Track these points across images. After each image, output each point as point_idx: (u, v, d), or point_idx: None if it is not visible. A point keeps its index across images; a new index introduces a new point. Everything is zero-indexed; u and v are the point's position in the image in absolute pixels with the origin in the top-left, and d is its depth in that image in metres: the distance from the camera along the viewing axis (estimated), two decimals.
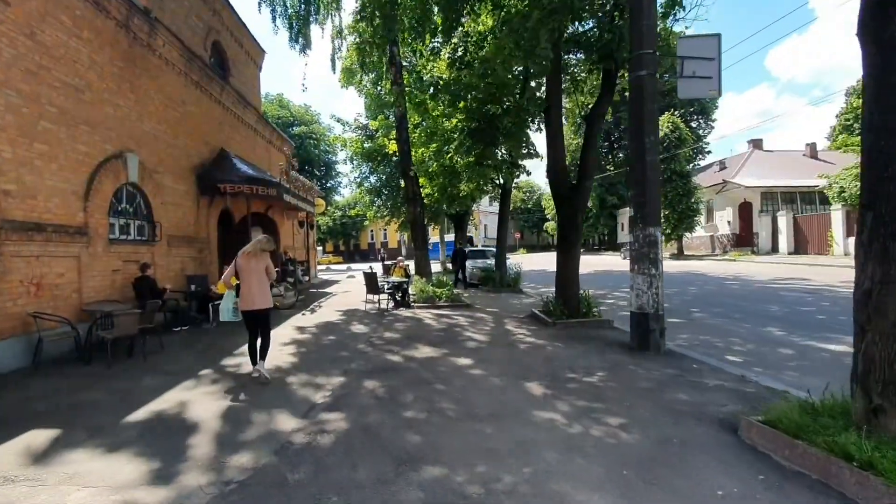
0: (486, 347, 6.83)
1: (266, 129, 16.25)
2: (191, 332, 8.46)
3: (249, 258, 5.26)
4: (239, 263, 5.27)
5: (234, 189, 11.22)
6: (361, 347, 7.00)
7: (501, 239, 15.58)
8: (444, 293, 11.45)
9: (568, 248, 8.71)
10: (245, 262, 5.26)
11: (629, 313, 6.66)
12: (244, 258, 5.27)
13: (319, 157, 37.01)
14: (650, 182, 6.46)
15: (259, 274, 5.27)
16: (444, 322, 9.07)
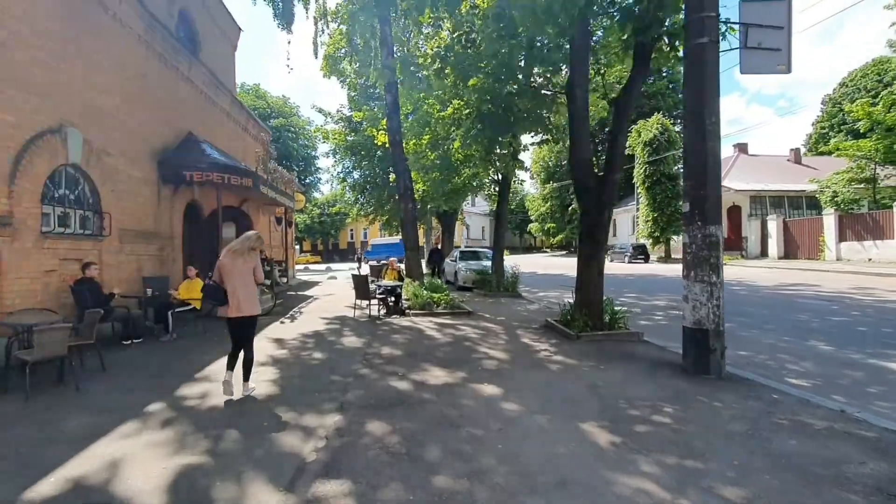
0: (511, 369, 5.64)
1: (241, 114, 14.72)
2: (144, 348, 6.99)
3: (236, 257, 4.57)
4: (223, 263, 4.58)
5: (203, 177, 9.74)
6: (357, 368, 5.71)
7: (498, 239, 14.44)
8: (442, 299, 10.22)
9: (592, 250, 7.61)
10: (231, 261, 4.57)
11: (682, 329, 5.58)
12: (230, 257, 4.58)
13: (298, 152, 35.20)
14: (712, 172, 5.39)
15: (245, 276, 4.60)
16: (449, 334, 7.84)
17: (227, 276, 4.55)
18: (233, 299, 4.53)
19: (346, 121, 23.62)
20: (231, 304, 4.54)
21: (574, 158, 7.61)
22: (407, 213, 13.46)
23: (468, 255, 17.44)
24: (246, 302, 4.56)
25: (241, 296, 4.54)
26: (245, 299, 4.55)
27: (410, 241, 13.63)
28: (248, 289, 4.61)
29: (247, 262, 4.60)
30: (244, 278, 4.57)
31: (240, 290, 4.53)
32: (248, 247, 4.62)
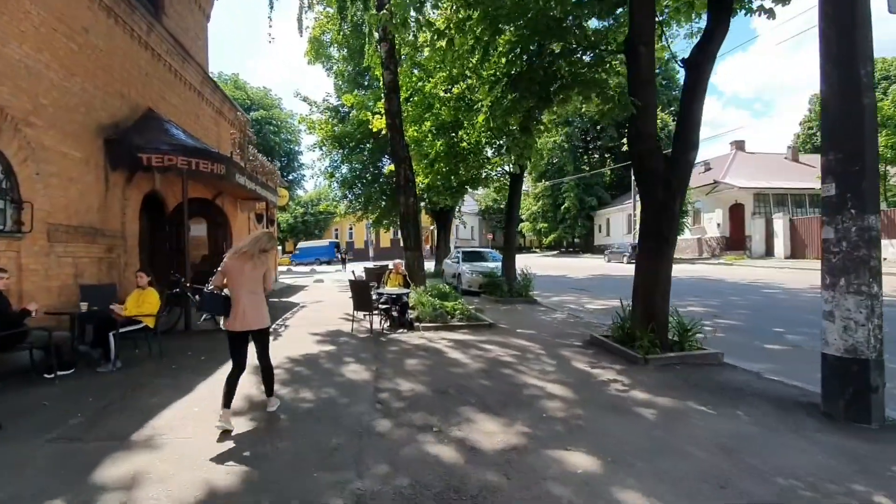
0: (588, 416, 4.02)
1: (215, 95, 12.82)
2: (73, 383, 5.16)
3: (245, 260, 3.93)
4: (229, 266, 3.94)
5: (164, 161, 7.90)
6: (371, 419, 4.01)
7: (510, 238, 12.85)
8: (456, 308, 8.57)
9: (659, 249, 6.06)
10: (238, 264, 3.93)
11: (822, 357, 4.04)
12: (237, 260, 3.94)
13: (280, 146, 33.03)
14: (870, 140, 3.87)
15: (254, 283, 3.99)
16: (477, 356, 6.19)
17: (232, 283, 3.92)
18: (237, 309, 3.91)
19: (334, 111, 21.81)
20: (235, 315, 3.91)
21: (635, 133, 6.05)
22: (408, 209, 11.77)
23: (472, 255, 15.81)
24: (254, 313, 3.94)
25: (249, 306, 3.92)
26: (253, 310, 3.94)
27: (412, 239, 11.95)
28: (257, 297, 3.99)
29: (257, 267, 3.96)
30: (253, 285, 3.95)
31: (246, 299, 3.91)
32: (259, 248, 3.94)
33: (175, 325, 7.98)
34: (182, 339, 7.45)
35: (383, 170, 22.36)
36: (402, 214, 11.95)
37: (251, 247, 3.91)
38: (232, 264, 3.91)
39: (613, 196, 46.58)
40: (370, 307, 7.71)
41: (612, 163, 49.42)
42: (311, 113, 20.75)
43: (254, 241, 3.96)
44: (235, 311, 3.90)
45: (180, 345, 7.03)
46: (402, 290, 8.35)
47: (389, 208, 21.82)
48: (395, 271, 8.83)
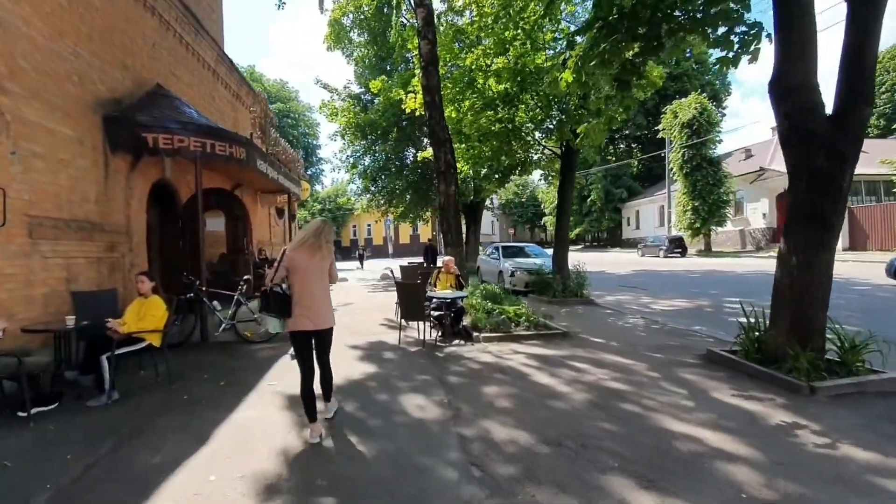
0: (818, 497, 2.58)
1: (231, 76, 11.59)
2: (52, 427, 3.89)
3: (311, 252, 3.52)
4: (295, 260, 3.49)
5: (173, 143, 6.65)
6: (469, 496, 2.64)
7: (562, 229, 11.35)
8: (520, 314, 7.16)
9: (817, 238, 4.55)
10: (304, 257, 3.50)
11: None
12: (303, 252, 3.51)
13: (298, 140, 31.94)
14: None
15: (321, 276, 3.60)
16: (571, 379, 4.78)
17: (300, 277, 3.52)
18: (308, 307, 3.49)
19: (355, 98, 20.50)
20: (305, 313, 3.48)
21: (785, 84, 4.54)
22: (448, 198, 10.37)
23: (513, 251, 14.34)
24: (326, 309, 3.60)
25: (320, 302, 3.55)
26: (325, 306, 3.60)
27: (453, 233, 10.57)
28: (326, 293, 3.66)
29: (323, 260, 3.59)
30: (322, 279, 3.61)
31: (317, 295, 3.54)
32: (324, 239, 3.59)
33: (189, 336, 6.74)
34: (197, 355, 6.19)
35: (408, 161, 21.04)
36: (441, 205, 10.55)
37: (316, 238, 3.55)
38: (298, 257, 3.51)
39: (643, 187, 44.53)
40: (422, 315, 6.34)
41: (640, 153, 47.38)
42: (331, 100, 19.46)
43: (316, 232, 3.59)
44: (306, 309, 3.49)
45: (195, 362, 5.77)
46: (456, 293, 6.96)
47: (416, 201, 20.49)
48: (445, 271, 7.45)
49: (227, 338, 7.00)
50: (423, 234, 52.31)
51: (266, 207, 13.98)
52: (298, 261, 3.51)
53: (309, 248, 3.53)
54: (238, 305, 7.03)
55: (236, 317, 7.00)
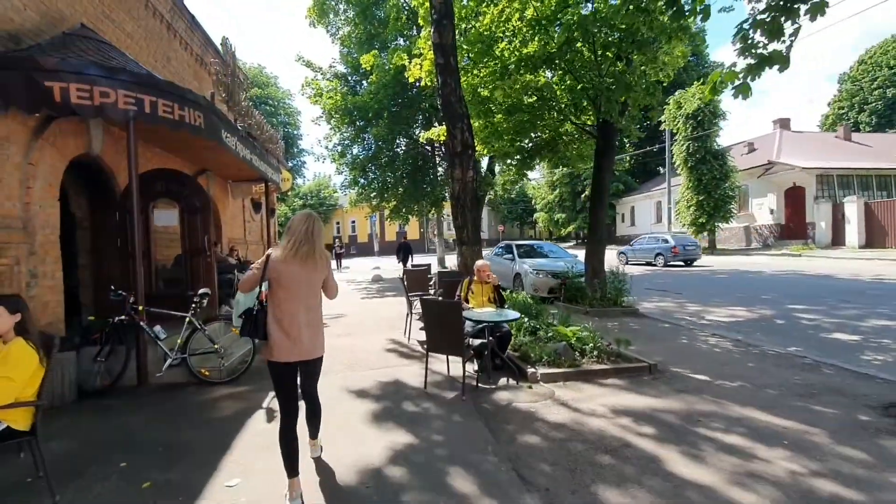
0: None
1: (194, 35, 9.37)
2: None
3: (301, 262, 2.70)
4: (279, 271, 2.69)
5: (94, 98, 4.54)
6: None
7: (597, 223, 9.49)
8: (583, 337, 5.26)
9: None
10: (294, 270, 2.70)
11: None
12: (292, 261, 2.69)
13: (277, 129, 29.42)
14: None
15: (315, 294, 2.80)
16: (731, 467, 2.89)
17: (284, 293, 2.68)
18: (292, 331, 2.66)
19: (342, 79, 18.35)
20: (280, 338, 2.65)
21: None
22: (465, 185, 8.47)
23: (528, 250, 12.45)
24: (315, 336, 2.76)
25: (308, 326, 2.70)
26: (313, 332, 2.74)
27: (468, 229, 8.68)
28: (317, 315, 2.80)
29: (318, 270, 2.76)
30: (313, 297, 2.77)
31: (304, 317, 2.70)
32: (318, 243, 2.74)
33: (119, 377, 4.68)
34: (122, 414, 4.13)
35: (400, 149, 19.00)
36: (454, 193, 8.60)
37: (310, 243, 2.68)
38: (286, 269, 2.66)
39: (637, 183, 43.30)
40: (460, 348, 4.36)
41: (632, 148, 46.17)
42: (315, 79, 17.27)
43: (308, 233, 2.69)
44: (288, 334, 2.65)
45: (112, 432, 3.72)
46: (504, 313, 5.00)
47: (412, 193, 18.43)
48: (479, 279, 5.46)
49: (175, 377, 4.92)
50: (411, 232, 50.30)
51: (240, 199, 11.81)
52: (287, 273, 2.69)
53: (299, 257, 2.68)
54: (191, 331, 4.97)
55: (188, 347, 4.94)
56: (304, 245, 2.67)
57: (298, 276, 2.69)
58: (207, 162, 8.79)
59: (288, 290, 2.68)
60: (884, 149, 29.52)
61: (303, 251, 2.65)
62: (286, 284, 2.68)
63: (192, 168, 8.71)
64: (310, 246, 2.69)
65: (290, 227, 2.73)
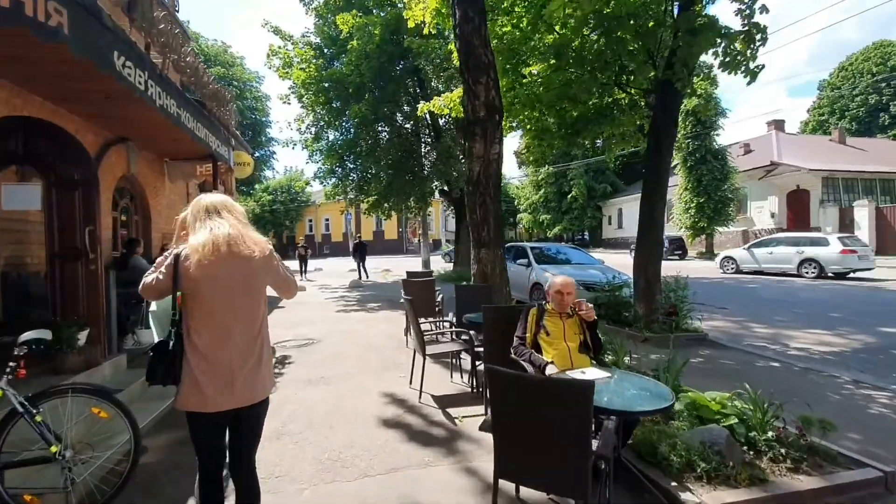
0: None
1: None
2: None
3: (229, 262, 1.87)
4: (193, 279, 1.84)
5: None
6: None
7: (652, 222, 7.29)
8: (753, 420, 2.98)
9: None
10: (217, 273, 1.86)
11: None
12: (212, 265, 1.84)
13: (243, 115, 26.35)
14: None
15: (252, 303, 1.95)
16: None
17: (204, 311, 1.87)
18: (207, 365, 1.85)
19: (317, 51, 15.71)
20: (203, 378, 1.84)
21: None
22: (488, 165, 6.22)
23: (548, 254, 10.22)
24: (253, 369, 1.91)
25: (242, 355, 1.89)
26: (253, 367, 1.91)
27: (489, 227, 6.42)
28: (255, 342, 1.94)
29: (256, 268, 1.92)
30: (249, 316, 1.93)
31: (237, 346, 1.89)
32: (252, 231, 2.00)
33: None
34: None
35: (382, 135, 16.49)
36: (472, 177, 6.27)
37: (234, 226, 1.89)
38: (202, 274, 1.82)
39: (625, 184, 41.93)
40: (583, 484, 2.00)
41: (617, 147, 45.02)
42: (283, 48, 14.58)
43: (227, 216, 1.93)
44: (215, 370, 1.84)
45: None
46: (619, 378, 2.67)
47: (396, 186, 15.91)
48: (555, 308, 3.07)
49: None
50: (388, 230, 47.61)
51: (181, 183, 9.15)
52: (208, 281, 1.82)
53: (229, 255, 1.82)
54: (10, 422, 2.46)
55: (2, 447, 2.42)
56: (228, 233, 1.85)
57: (227, 283, 1.85)
58: (124, 125, 6.16)
59: (212, 304, 1.85)
60: (878, 153, 28.87)
61: (230, 243, 1.83)
62: (208, 298, 1.84)
63: (100, 134, 6.10)
64: (237, 232, 1.87)
65: (197, 212, 1.92)
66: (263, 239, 1.99)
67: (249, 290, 1.91)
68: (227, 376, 1.86)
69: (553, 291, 3.15)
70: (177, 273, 1.82)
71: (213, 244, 1.82)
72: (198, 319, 1.86)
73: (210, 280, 1.84)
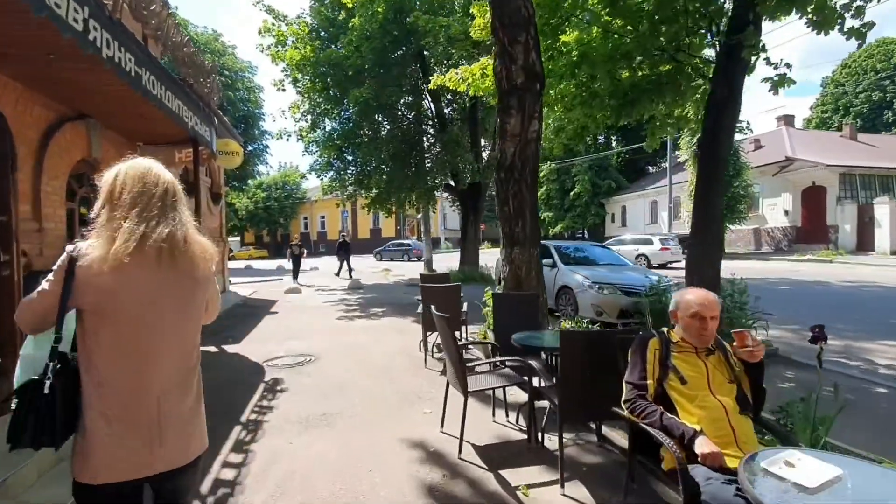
0: None
1: None
2: None
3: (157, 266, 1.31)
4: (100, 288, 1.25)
5: None
6: None
7: (710, 216, 6.21)
8: None
9: None
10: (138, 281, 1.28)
11: None
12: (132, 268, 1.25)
13: (235, 107, 25.02)
14: None
15: (186, 328, 1.40)
16: None
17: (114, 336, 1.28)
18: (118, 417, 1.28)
19: (314, 32, 14.51)
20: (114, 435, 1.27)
21: None
22: (525, 146, 5.15)
23: (576, 254, 9.13)
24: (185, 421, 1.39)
25: (171, 399, 1.35)
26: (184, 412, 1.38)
27: (525, 221, 5.35)
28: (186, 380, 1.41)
29: (197, 280, 1.41)
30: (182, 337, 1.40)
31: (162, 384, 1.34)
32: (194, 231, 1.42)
33: None
34: None
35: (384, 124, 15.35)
36: (505, 161, 5.17)
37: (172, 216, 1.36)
38: (116, 281, 1.26)
39: (628, 181, 41.00)
40: None
41: (619, 145, 43.97)
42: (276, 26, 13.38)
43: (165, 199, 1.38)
44: (135, 423, 1.30)
45: None
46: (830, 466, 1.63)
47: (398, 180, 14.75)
48: (693, 339, 1.99)
49: None
50: (386, 228, 46.35)
51: None
52: (125, 292, 1.29)
53: (160, 257, 1.32)
54: None
55: None
56: (163, 223, 1.32)
57: (154, 297, 1.31)
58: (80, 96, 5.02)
59: (129, 328, 1.29)
60: (890, 149, 28.05)
61: (161, 239, 1.29)
62: (122, 317, 1.28)
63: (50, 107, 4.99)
64: (183, 233, 1.35)
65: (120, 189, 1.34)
66: (209, 244, 1.46)
67: (183, 308, 1.39)
68: (154, 425, 1.33)
69: (687, 314, 2.05)
70: (70, 280, 1.24)
71: (130, 237, 1.26)
72: (107, 346, 1.30)
73: (123, 292, 1.28)
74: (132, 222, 1.28)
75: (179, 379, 1.38)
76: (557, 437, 2.63)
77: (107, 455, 1.28)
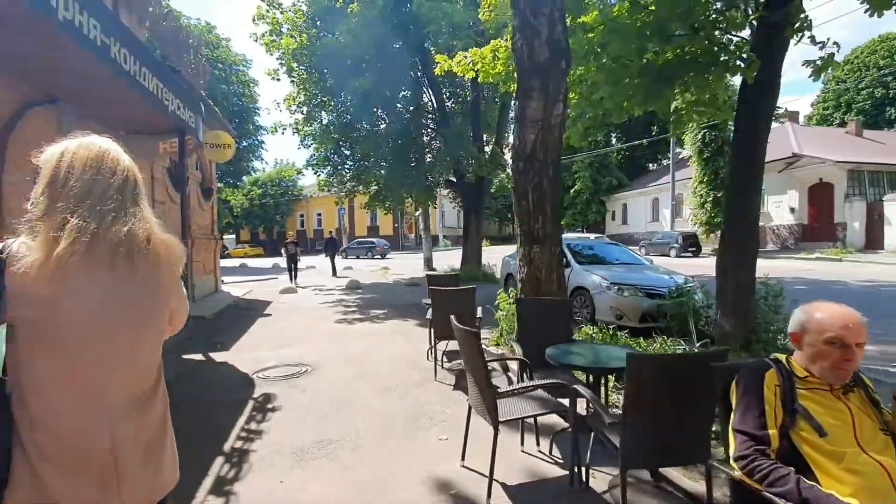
0: None
1: None
2: None
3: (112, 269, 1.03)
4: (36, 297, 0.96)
5: None
6: None
7: (747, 212, 5.69)
8: None
9: None
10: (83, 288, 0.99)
11: None
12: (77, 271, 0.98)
13: (230, 101, 24.31)
14: None
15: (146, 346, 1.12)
16: None
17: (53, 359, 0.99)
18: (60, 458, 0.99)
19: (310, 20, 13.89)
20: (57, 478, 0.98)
21: None
22: (548, 132, 4.59)
23: (592, 252, 8.57)
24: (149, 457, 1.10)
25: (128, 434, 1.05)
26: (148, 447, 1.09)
27: (545, 216, 4.79)
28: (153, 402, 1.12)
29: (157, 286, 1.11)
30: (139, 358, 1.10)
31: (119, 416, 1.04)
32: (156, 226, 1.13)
33: None
34: None
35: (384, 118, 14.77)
36: (524, 149, 4.62)
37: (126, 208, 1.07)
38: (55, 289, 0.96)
39: (629, 178, 40.53)
40: None
41: (619, 142, 43.48)
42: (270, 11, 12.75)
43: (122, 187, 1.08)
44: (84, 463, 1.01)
45: None
46: None
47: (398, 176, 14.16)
48: (834, 367, 1.47)
49: None
50: (384, 225, 45.70)
51: (145, 161, 7.37)
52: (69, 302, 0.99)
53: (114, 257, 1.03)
54: None
55: None
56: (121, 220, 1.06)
57: (105, 311, 1.04)
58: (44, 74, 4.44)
59: (72, 352, 1.02)
60: None
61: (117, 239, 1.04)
62: (65, 338, 1.01)
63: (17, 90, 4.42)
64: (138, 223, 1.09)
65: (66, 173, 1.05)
66: (175, 241, 1.16)
67: (146, 323, 1.11)
68: (108, 467, 1.03)
69: (820, 339, 1.50)
70: None
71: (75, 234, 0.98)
72: (44, 378, 1.00)
73: (74, 305, 1.00)
74: (80, 218, 1.00)
75: (137, 404, 1.10)
76: (607, 479, 2.09)
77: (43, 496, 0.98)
